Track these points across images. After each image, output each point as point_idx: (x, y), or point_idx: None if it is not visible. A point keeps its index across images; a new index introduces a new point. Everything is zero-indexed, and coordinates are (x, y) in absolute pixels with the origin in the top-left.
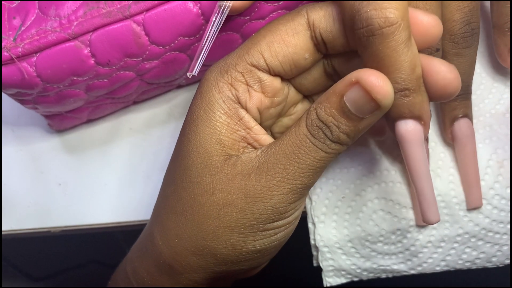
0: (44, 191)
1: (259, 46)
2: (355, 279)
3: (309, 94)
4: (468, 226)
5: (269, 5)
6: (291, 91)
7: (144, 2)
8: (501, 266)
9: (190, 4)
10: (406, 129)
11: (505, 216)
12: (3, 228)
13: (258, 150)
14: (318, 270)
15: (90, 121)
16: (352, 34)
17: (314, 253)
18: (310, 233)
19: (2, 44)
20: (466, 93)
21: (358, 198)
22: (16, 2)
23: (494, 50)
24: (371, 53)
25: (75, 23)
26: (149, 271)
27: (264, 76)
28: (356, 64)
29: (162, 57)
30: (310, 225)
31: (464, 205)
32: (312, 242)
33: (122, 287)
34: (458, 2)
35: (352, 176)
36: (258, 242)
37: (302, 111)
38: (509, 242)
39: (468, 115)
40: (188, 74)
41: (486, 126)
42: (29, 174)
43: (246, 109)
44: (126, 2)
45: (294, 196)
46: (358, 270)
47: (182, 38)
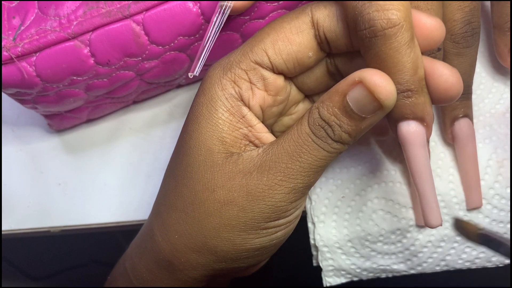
0: (44, 191)
1: (263, 44)
2: (355, 279)
3: (311, 93)
4: None
5: (269, 5)
6: (293, 90)
7: (143, 2)
8: (501, 266)
9: (190, 3)
10: (408, 130)
11: (505, 215)
12: (3, 228)
13: (260, 148)
14: (318, 270)
15: (90, 121)
16: (355, 34)
17: (313, 252)
18: (310, 232)
19: (2, 43)
20: (466, 93)
21: (358, 198)
22: (15, 2)
23: (494, 50)
24: (374, 54)
25: (75, 23)
26: (148, 268)
27: (267, 74)
28: (359, 64)
29: (161, 56)
30: (310, 224)
31: (464, 205)
32: (311, 241)
33: (121, 285)
34: (459, 2)
35: (352, 176)
36: (259, 240)
37: (303, 111)
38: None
39: (468, 115)
40: (189, 74)
41: (486, 126)
42: (29, 174)
43: (248, 107)
44: (126, 2)
45: (296, 195)
46: (358, 270)
47: (181, 37)
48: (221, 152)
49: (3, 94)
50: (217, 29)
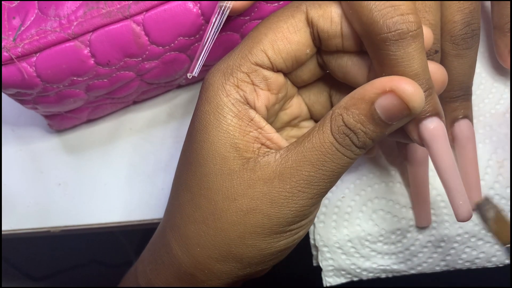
0: (44, 191)
1: (262, 45)
2: (355, 279)
3: (303, 85)
4: (468, 226)
5: (269, 5)
6: (289, 85)
7: (144, 2)
8: (501, 266)
9: (190, 4)
10: (434, 126)
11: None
12: (3, 228)
13: (277, 154)
14: (318, 270)
15: (90, 121)
16: (368, 39)
17: (313, 252)
18: (309, 233)
19: (2, 44)
20: (466, 94)
21: (358, 198)
22: (15, 2)
23: (494, 50)
24: (399, 56)
25: (75, 23)
26: (167, 283)
27: (269, 73)
28: (346, 64)
29: (162, 57)
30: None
31: None
32: (311, 242)
33: None
34: (458, 3)
35: (352, 176)
36: (283, 242)
37: (296, 105)
38: None
39: (468, 116)
40: (188, 74)
41: (486, 126)
42: (29, 174)
43: (255, 109)
44: (126, 2)
45: (318, 199)
46: (358, 270)
47: (182, 38)
48: (236, 158)
49: (3, 94)
50: (216, 29)
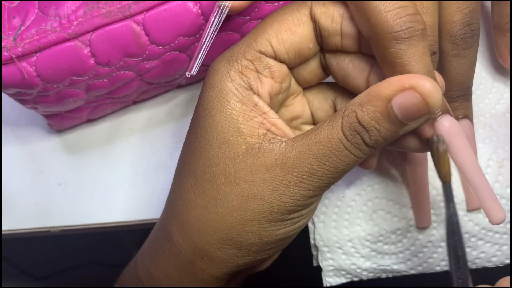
0: (44, 191)
1: (267, 34)
2: (355, 279)
3: (305, 85)
4: (468, 226)
5: (269, 5)
6: (293, 82)
7: (144, 2)
8: (501, 266)
9: (190, 4)
10: (451, 123)
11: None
12: (3, 228)
13: (282, 143)
14: (318, 270)
15: (90, 121)
16: (377, 38)
17: (314, 252)
18: (310, 232)
19: (2, 44)
20: (466, 94)
21: (358, 198)
22: (16, 2)
23: (494, 50)
24: (411, 54)
25: (75, 23)
26: (166, 273)
27: (272, 62)
28: (346, 67)
29: (162, 57)
30: (310, 224)
31: (464, 204)
32: (312, 242)
33: None
34: (458, 3)
35: (352, 176)
36: (283, 230)
37: (299, 104)
38: (509, 242)
39: (468, 116)
40: (186, 73)
41: (486, 126)
42: (29, 174)
43: (258, 95)
44: (126, 2)
45: (319, 191)
46: (358, 270)
47: (182, 38)
48: (240, 143)
49: (3, 94)
50: (215, 28)
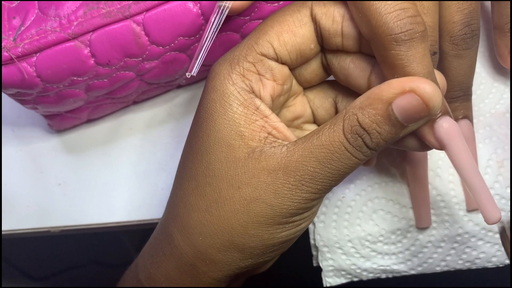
0: (44, 191)
1: (268, 36)
2: (355, 279)
3: (306, 85)
4: (468, 226)
5: (269, 5)
6: (294, 83)
7: (144, 2)
8: (501, 266)
9: (190, 4)
10: (449, 125)
11: (504, 215)
12: (3, 228)
13: (283, 147)
14: (318, 270)
15: (90, 121)
16: (377, 39)
17: (314, 253)
18: (310, 233)
19: (2, 44)
20: (466, 94)
21: (358, 198)
22: (15, 2)
23: (494, 50)
24: (411, 55)
25: (75, 23)
26: (167, 275)
27: (274, 64)
28: (347, 66)
29: (162, 57)
30: (310, 225)
31: (464, 204)
32: (312, 242)
33: None
34: (458, 4)
35: (352, 176)
36: (285, 233)
37: (300, 104)
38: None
39: (468, 117)
40: (187, 74)
41: (486, 126)
42: (29, 174)
43: (260, 98)
44: (126, 2)
45: (321, 194)
46: (358, 270)
47: (182, 38)
48: (241, 147)
49: (3, 94)
50: (215, 29)
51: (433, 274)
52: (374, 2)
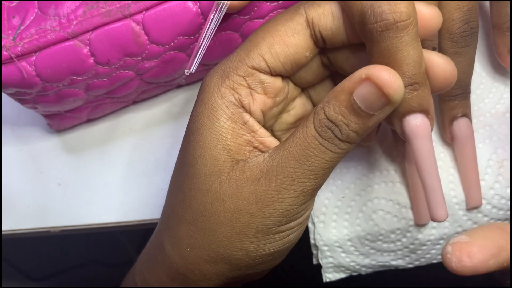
0: (44, 191)
1: (259, 49)
2: (354, 274)
3: (308, 86)
4: (467, 225)
5: (268, 4)
6: (290, 87)
7: (143, 2)
8: None
9: (190, 3)
10: (416, 123)
11: (503, 214)
12: (3, 228)
13: (266, 153)
14: (318, 266)
15: (89, 120)
16: (360, 29)
17: (313, 251)
18: (310, 232)
19: (2, 43)
20: (465, 92)
21: (358, 198)
22: (15, 2)
23: (493, 50)
24: (384, 47)
25: (75, 22)
26: (160, 282)
27: (265, 77)
28: (353, 56)
29: (161, 56)
30: (310, 225)
31: (463, 204)
32: (312, 241)
33: None
34: (457, 2)
35: (352, 176)
36: (272, 245)
37: (300, 106)
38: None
39: (467, 115)
40: (185, 71)
41: (486, 126)
42: (29, 174)
43: (250, 112)
44: (126, 2)
45: (305, 197)
46: (357, 266)
47: (181, 37)
48: (226, 160)
49: (3, 94)
50: (213, 27)
51: (433, 274)
52: None
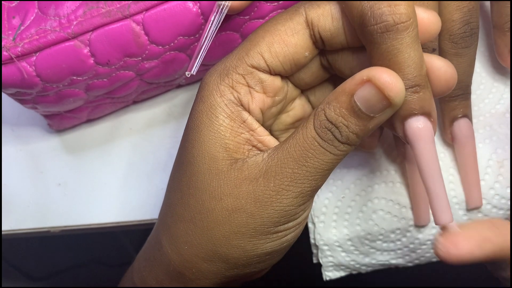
0: (44, 191)
1: (259, 48)
2: (354, 272)
3: (307, 87)
4: None
5: (268, 4)
6: (290, 87)
7: (143, 2)
8: None
9: (190, 3)
10: (418, 126)
11: (503, 214)
12: (3, 228)
13: (264, 153)
14: (318, 266)
15: (90, 121)
16: (360, 31)
17: (314, 251)
18: (310, 232)
19: (2, 43)
20: (465, 93)
21: (358, 198)
22: (15, 2)
23: (494, 50)
24: (384, 49)
25: (75, 23)
26: (158, 280)
27: (265, 76)
28: (351, 58)
29: (161, 56)
30: (310, 225)
31: (463, 204)
32: (312, 241)
33: None
34: (457, 2)
35: (352, 176)
36: (269, 244)
37: (299, 107)
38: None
39: (467, 115)
40: (186, 73)
41: (486, 126)
42: (29, 174)
43: (249, 111)
44: (126, 2)
45: (303, 198)
46: (357, 265)
47: (181, 37)
48: (225, 159)
49: (3, 94)
50: (214, 28)
51: (433, 275)
52: None
